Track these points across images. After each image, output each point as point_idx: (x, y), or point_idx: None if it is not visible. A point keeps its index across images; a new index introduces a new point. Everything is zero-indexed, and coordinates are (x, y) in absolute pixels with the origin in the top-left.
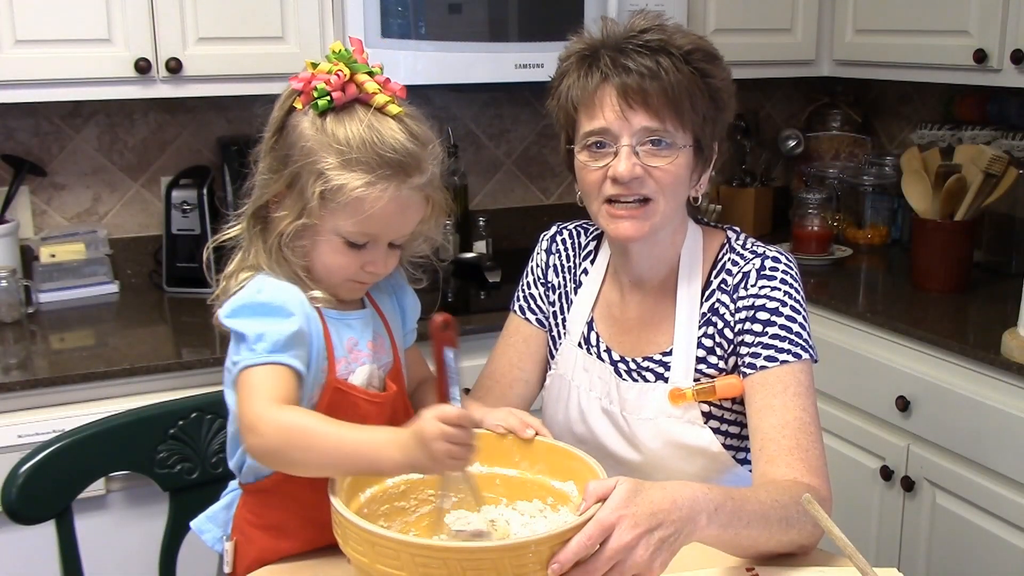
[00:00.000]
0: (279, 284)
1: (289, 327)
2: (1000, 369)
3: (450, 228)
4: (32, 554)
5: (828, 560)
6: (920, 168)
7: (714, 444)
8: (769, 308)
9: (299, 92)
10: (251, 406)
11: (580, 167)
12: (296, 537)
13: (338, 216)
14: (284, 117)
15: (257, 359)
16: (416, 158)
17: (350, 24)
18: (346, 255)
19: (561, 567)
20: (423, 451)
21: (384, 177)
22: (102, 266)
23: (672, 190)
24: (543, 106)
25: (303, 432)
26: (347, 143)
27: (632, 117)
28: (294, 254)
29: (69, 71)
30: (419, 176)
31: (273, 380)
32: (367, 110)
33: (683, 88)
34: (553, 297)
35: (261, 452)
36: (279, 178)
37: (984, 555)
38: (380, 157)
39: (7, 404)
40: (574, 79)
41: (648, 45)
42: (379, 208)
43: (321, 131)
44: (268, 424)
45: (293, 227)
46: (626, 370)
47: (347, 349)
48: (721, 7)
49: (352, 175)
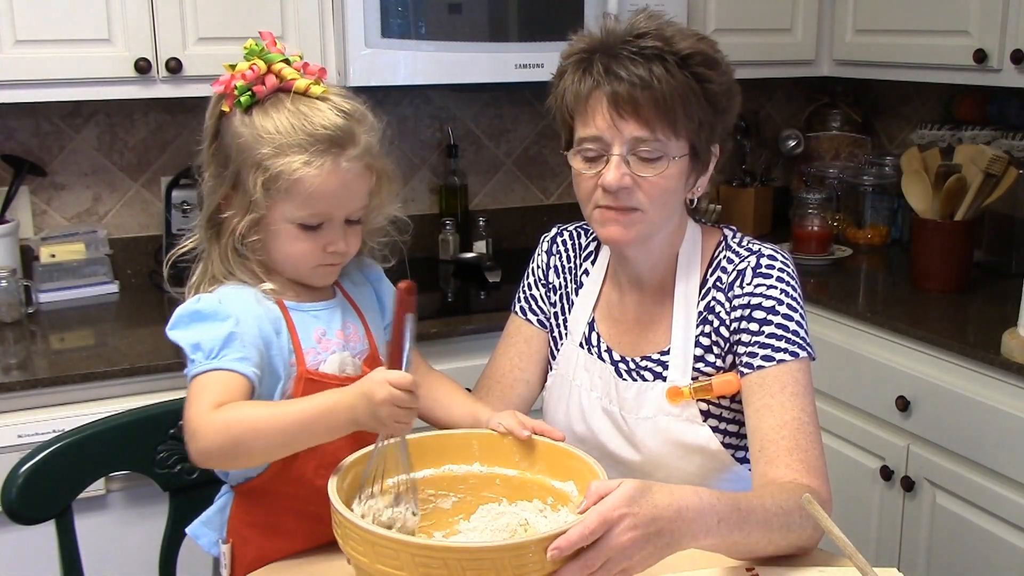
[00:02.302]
0: (224, 290)
1: (222, 330)
2: (1000, 369)
3: (450, 228)
4: (32, 554)
5: (828, 560)
6: (920, 168)
7: (712, 442)
8: (765, 307)
9: (224, 95)
10: (191, 415)
11: (575, 173)
12: (292, 533)
13: (284, 203)
14: (216, 123)
15: (197, 368)
16: (347, 131)
17: (350, 24)
18: (304, 240)
19: (560, 553)
20: (369, 411)
21: (319, 154)
22: (102, 266)
23: (661, 201)
24: (543, 106)
25: (240, 423)
26: (276, 131)
27: (623, 127)
28: (250, 251)
29: (69, 71)
30: (353, 148)
31: (214, 386)
32: (290, 96)
33: (676, 96)
34: (554, 298)
35: (206, 456)
36: (223, 181)
37: (984, 555)
38: (311, 136)
39: (7, 404)
40: (570, 82)
41: (643, 52)
42: (320, 185)
43: (251, 126)
44: (207, 426)
45: (244, 224)
46: (626, 370)
47: (316, 340)
48: (721, 7)
49: (288, 159)
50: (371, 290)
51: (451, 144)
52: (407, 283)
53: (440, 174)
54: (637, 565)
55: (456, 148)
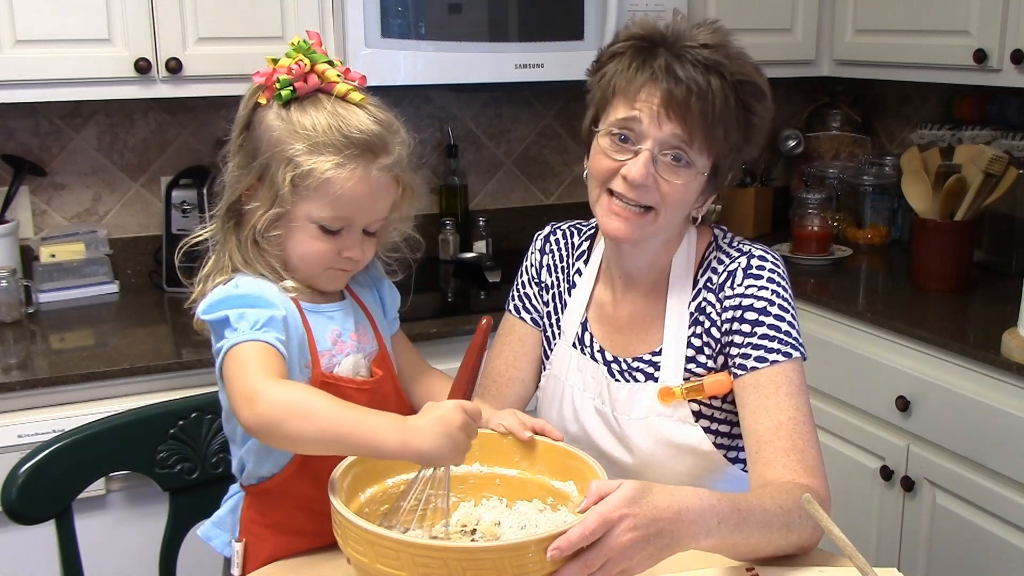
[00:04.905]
0: (255, 280)
1: (269, 312)
2: (1000, 369)
3: (450, 228)
4: (32, 554)
5: (828, 560)
6: (920, 168)
7: (704, 442)
8: (757, 308)
9: (263, 87)
10: (246, 378)
11: (597, 151)
12: (306, 531)
13: (310, 201)
14: (250, 114)
15: (242, 337)
16: (382, 139)
17: (350, 24)
18: (322, 241)
19: (560, 553)
20: (445, 438)
21: (352, 158)
22: (102, 266)
23: (676, 207)
24: (543, 106)
25: (302, 405)
26: (313, 128)
27: (665, 126)
28: (269, 245)
29: (69, 71)
30: (386, 157)
31: (263, 355)
32: (330, 98)
33: (723, 116)
34: (547, 297)
35: (257, 423)
36: (249, 172)
37: (984, 555)
38: (346, 139)
39: (7, 404)
40: (623, 66)
41: (706, 62)
42: (349, 189)
43: (287, 120)
44: (266, 395)
45: (267, 217)
46: (619, 370)
47: (331, 341)
48: (721, 7)
49: (321, 158)
50: (374, 289)
51: (451, 144)
52: (490, 319)
53: (440, 174)
54: (637, 566)
55: (456, 148)
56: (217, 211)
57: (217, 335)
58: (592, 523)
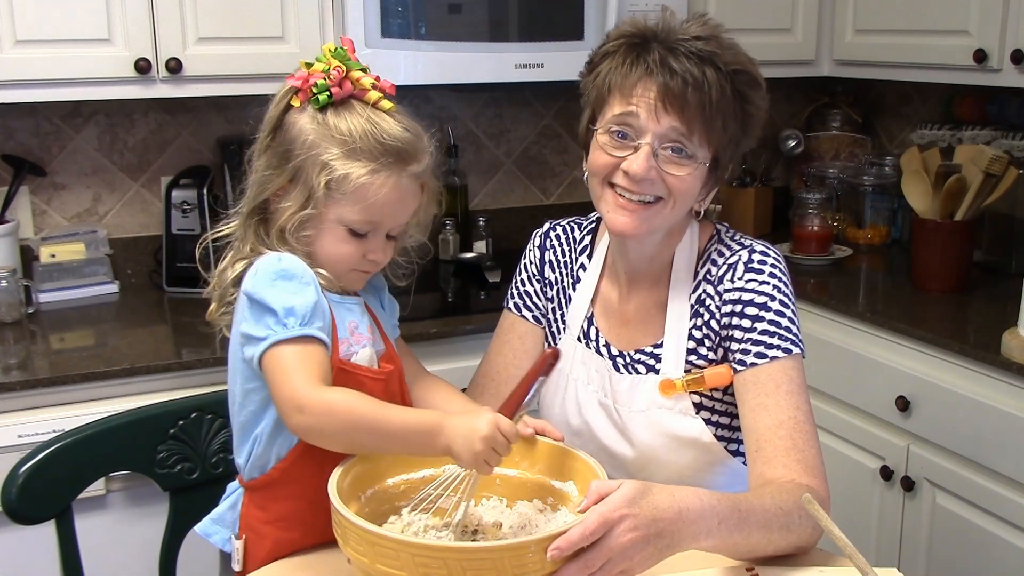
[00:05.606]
0: (292, 256)
1: (310, 296)
2: (1000, 369)
3: (450, 228)
4: (32, 554)
5: (828, 560)
6: (920, 168)
7: (705, 434)
8: (758, 303)
9: (297, 90)
10: (294, 386)
11: (596, 148)
12: (307, 525)
13: (342, 205)
14: (281, 115)
15: (288, 334)
16: (413, 147)
17: (350, 24)
18: (349, 244)
19: (560, 553)
20: (467, 441)
21: (386, 165)
22: (102, 266)
23: (683, 199)
24: (543, 106)
25: (350, 412)
26: (349, 134)
27: (664, 119)
28: (298, 243)
29: (69, 71)
30: (417, 164)
31: (308, 357)
32: (363, 105)
33: (721, 106)
34: (551, 293)
35: (308, 430)
36: (281, 173)
37: (984, 555)
38: (382, 146)
39: (7, 404)
40: (617, 63)
41: (700, 53)
42: (382, 195)
43: (323, 125)
44: (315, 404)
45: (298, 218)
46: (623, 364)
47: (349, 331)
48: (721, 7)
49: (356, 164)
50: (377, 298)
51: (451, 144)
52: (555, 350)
53: (440, 174)
54: (637, 566)
55: (456, 148)
56: (241, 207)
57: (257, 318)
58: (592, 523)
